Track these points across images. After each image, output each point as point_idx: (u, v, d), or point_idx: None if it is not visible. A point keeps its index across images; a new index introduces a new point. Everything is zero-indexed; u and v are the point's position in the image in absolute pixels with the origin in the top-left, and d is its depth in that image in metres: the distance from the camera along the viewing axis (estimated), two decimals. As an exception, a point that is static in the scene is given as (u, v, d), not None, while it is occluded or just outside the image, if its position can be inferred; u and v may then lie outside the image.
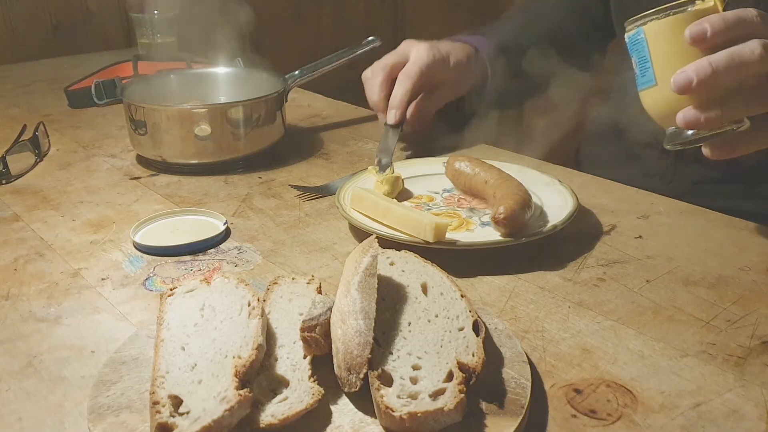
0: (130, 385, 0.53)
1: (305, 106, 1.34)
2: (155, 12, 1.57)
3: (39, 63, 1.73)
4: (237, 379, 0.49)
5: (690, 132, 0.68)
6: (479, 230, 0.79)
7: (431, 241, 0.72)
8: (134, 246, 0.78)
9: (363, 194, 0.81)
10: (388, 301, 0.58)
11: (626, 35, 0.72)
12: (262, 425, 0.47)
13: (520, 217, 0.75)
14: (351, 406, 0.51)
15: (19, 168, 1.02)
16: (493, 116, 1.06)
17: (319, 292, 0.62)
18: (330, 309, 0.55)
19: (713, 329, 0.62)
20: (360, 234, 0.79)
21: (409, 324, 0.56)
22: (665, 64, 0.68)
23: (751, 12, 0.65)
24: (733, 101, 0.66)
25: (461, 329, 0.55)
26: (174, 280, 0.72)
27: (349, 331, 0.51)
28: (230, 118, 1.00)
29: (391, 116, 1.00)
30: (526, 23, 1.18)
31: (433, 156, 1.01)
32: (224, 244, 0.79)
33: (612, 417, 0.52)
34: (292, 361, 0.53)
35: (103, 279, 0.72)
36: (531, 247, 0.75)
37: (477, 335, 0.54)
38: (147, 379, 0.52)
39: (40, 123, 1.13)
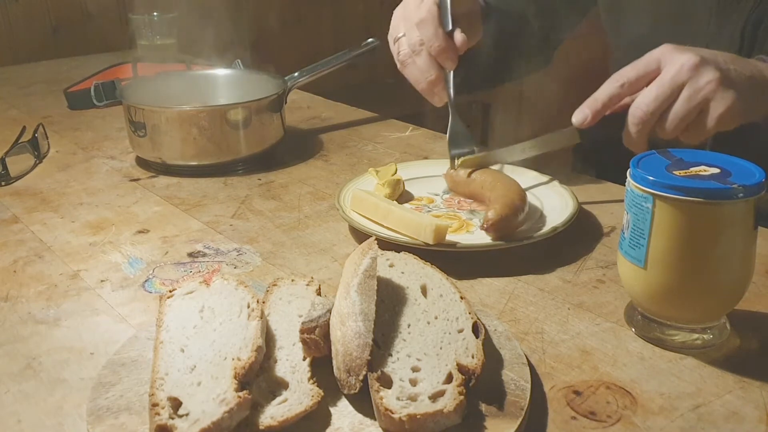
0: (130, 387, 0.53)
1: (305, 108, 1.34)
2: (155, 14, 1.57)
3: (38, 65, 1.73)
4: (236, 381, 0.49)
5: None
6: (479, 232, 0.79)
7: (431, 243, 0.72)
8: None
9: (363, 196, 0.81)
10: (388, 303, 0.58)
11: (630, 185, 0.58)
12: (261, 427, 0.47)
13: (510, 223, 0.74)
14: (350, 408, 0.51)
15: (18, 170, 1.02)
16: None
17: (319, 294, 0.61)
18: (329, 311, 0.55)
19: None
20: (360, 236, 0.79)
21: (409, 326, 0.56)
22: (663, 254, 0.57)
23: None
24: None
25: (461, 331, 0.55)
26: (173, 282, 0.72)
27: (349, 332, 0.51)
28: (230, 120, 1.00)
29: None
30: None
31: (433, 157, 1.01)
32: (223, 245, 0.79)
33: (612, 419, 0.52)
34: (291, 362, 0.53)
35: (102, 281, 0.72)
36: (530, 249, 0.75)
37: (476, 337, 0.54)
38: (146, 381, 0.52)
39: (40, 125, 1.13)
